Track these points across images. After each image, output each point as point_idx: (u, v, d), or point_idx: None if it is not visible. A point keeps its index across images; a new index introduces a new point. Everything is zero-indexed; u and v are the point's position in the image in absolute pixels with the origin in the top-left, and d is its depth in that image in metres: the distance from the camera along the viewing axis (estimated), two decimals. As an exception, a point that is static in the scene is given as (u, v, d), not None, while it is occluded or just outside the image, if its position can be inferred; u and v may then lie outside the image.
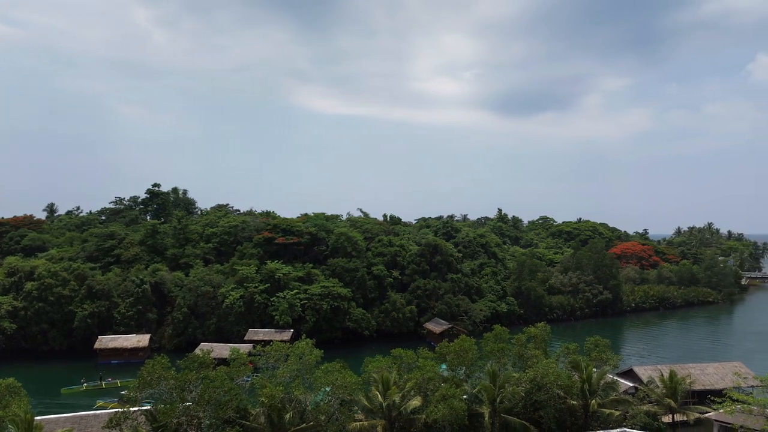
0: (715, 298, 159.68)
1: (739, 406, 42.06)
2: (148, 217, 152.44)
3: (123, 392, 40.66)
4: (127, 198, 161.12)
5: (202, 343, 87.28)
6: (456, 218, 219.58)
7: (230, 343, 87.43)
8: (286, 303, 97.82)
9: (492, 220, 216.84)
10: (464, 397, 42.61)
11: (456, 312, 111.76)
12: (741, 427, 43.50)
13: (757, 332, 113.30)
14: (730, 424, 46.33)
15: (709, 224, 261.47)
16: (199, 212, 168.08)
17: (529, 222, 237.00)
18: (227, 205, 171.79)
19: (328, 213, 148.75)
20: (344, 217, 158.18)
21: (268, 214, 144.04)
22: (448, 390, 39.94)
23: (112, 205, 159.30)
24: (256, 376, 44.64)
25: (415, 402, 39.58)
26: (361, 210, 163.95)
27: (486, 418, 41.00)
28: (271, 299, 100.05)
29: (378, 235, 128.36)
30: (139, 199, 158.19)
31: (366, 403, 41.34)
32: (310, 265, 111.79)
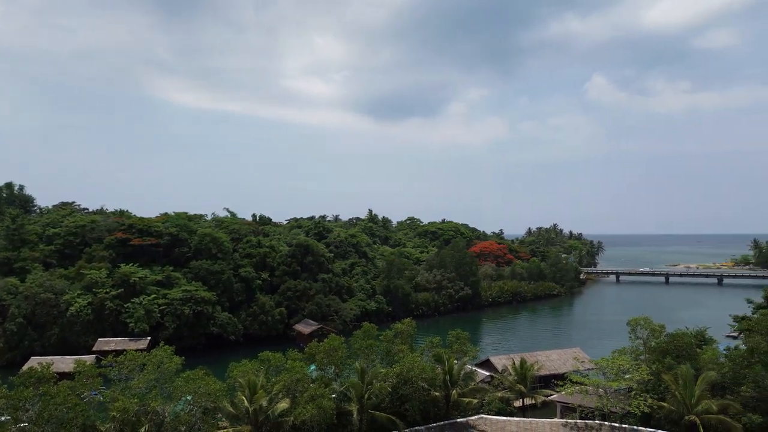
0: (559, 291, 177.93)
1: (577, 388, 47.05)
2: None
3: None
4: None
5: (32, 357, 77.37)
6: (328, 218, 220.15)
7: (76, 355, 79.22)
8: (143, 309, 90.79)
9: (363, 220, 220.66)
10: (333, 396, 42.63)
11: (327, 312, 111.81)
12: (579, 406, 48.68)
13: (592, 321, 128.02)
14: (569, 404, 51.68)
15: (554, 225, 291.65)
16: (38, 211, 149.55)
17: (398, 222, 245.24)
18: (73, 203, 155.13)
19: (192, 213, 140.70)
20: (209, 217, 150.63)
21: (122, 213, 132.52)
22: (316, 390, 39.69)
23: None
24: (103, 389, 40.70)
25: (283, 404, 38.74)
26: (227, 210, 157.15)
27: (354, 416, 41.38)
28: (126, 305, 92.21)
29: (246, 235, 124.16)
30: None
31: (231, 409, 39.60)
32: (170, 267, 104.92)
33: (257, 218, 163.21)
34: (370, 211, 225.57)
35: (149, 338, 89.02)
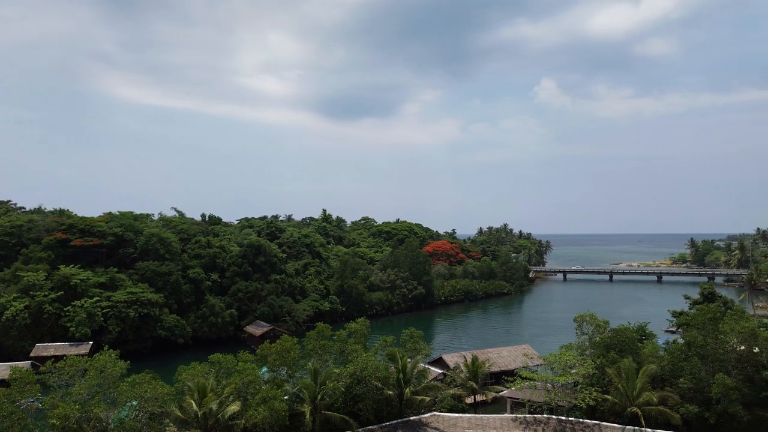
0: (509, 289, 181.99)
1: (526, 383, 48.24)
2: None
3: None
4: None
5: None
6: (281, 218, 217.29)
7: (12, 361, 75.08)
8: (84, 312, 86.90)
9: (317, 220, 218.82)
10: (285, 397, 42.11)
11: (279, 313, 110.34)
12: (528, 401, 49.93)
13: (540, 318, 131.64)
14: (519, 399, 52.95)
15: (505, 225, 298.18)
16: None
17: (352, 222, 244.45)
18: (8, 201, 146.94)
19: (137, 212, 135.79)
20: (156, 217, 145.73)
21: (62, 213, 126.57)
22: (268, 392, 39.10)
23: None
24: (41, 396, 38.72)
25: (234, 407, 37.91)
26: (175, 209, 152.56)
27: (307, 417, 40.99)
28: (66, 309, 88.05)
29: (195, 235, 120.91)
30: None
31: (179, 414, 38.42)
32: (115, 269, 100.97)
33: (207, 218, 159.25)
34: (324, 210, 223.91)
35: (91, 343, 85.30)
